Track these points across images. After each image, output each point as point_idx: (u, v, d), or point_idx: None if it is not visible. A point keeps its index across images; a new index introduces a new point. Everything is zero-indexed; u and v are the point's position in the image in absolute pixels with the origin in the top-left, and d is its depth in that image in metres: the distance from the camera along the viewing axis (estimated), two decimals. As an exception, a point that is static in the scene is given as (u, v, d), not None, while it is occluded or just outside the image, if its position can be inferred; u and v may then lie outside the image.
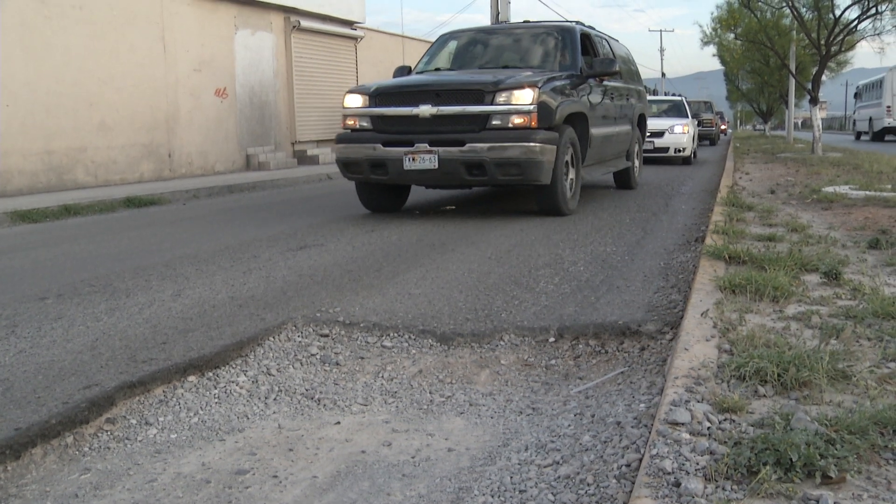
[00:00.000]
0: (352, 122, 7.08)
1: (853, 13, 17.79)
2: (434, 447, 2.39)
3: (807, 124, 48.56)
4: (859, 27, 17.98)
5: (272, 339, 3.26)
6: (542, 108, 6.54)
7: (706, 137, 28.22)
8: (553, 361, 3.15)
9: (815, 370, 2.29)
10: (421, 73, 8.11)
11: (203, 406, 2.70)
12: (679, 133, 15.80)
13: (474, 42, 8.44)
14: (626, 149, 9.57)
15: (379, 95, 6.94)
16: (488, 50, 8.24)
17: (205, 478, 2.19)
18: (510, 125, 6.49)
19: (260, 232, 6.34)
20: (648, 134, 15.42)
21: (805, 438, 1.78)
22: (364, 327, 3.40)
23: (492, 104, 6.50)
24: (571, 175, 7.26)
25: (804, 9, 18.96)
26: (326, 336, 3.34)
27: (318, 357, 3.15)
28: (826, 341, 2.65)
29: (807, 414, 1.99)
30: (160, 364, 2.88)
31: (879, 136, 29.76)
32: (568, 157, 7.05)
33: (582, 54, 8.00)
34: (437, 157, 6.55)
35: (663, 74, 63.64)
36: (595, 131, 7.84)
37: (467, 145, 6.48)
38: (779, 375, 2.27)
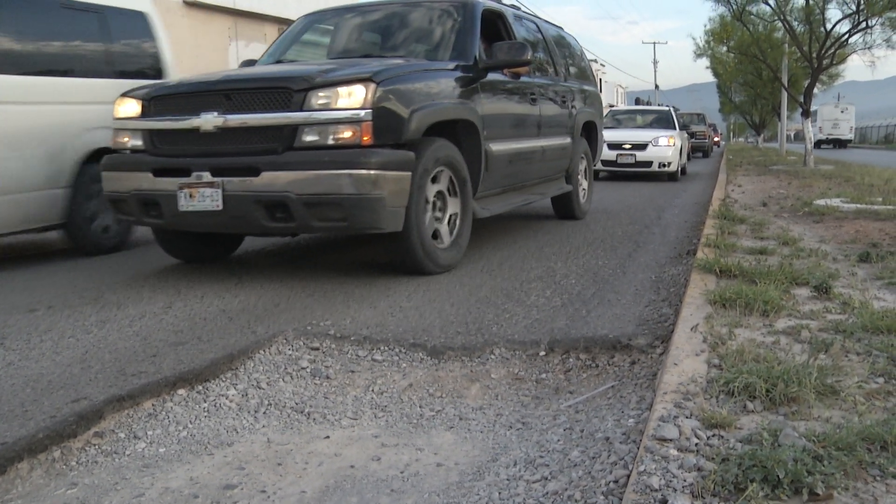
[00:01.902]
0: (124, 140, 4.84)
1: (844, 27, 17.95)
2: (423, 462, 2.38)
3: (799, 136, 49.98)
4: (850, 41, 18.17)
5: (263, 352, 3.25)
6: (383, 115, 4.24)
7: (699, 149, 28.36)
8: (544, 375, 3.15)
9: (804, 385, 2.30)
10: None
11: (192, 420, 2.69)
12: (664, 146, 14.45)
13: (341, 24, 6.35)
14: (563, 167, 7.33)
15: (156, 100, 4.69)
16: (356, 35, 6.20)
17: (193, 492, 2.18)
18: (330, 142, 4.20)
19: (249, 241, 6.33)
20: (629, 146, 14.31)
21: (793, 455, 1.78)
22: (355, 340, 3.39)
23: (301, 109, 4.22)
24: (451, 212, 5.06)
25: (796, 22, 19.11)
26: (317, 349, 3.33)
27: (308, 370, 3.14)
28: (815, 356, 2.66)
29: (795, 430, 2.00)
30: (150, 377, 2.87)
31: (817, 144, 40.09)
32: (442, 187, 4.93)
33: (489, 40, 5.92)
34: (220, 192, 4.30)
35: (657, 86, 64.01)
36: (497, 147, 5.54)
37: (263, 175, 4.20)
38: (767, 391, 2.28)
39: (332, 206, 4.21)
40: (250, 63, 6.31)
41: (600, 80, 54.09)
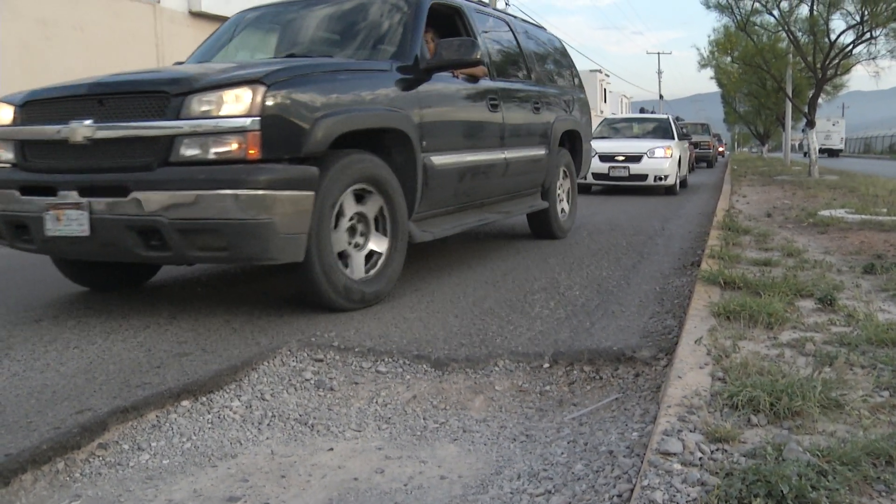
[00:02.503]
0: None
1: (848, 37, 17.98)
2: (427, 475, 2.38)
3: (801, 147, 51.87)
4: (854, 51, 18.19)
5: (267, 363, 3.26)
6: (275, 124, 3.62)
7: (703, 160, 28.38)
8: (547, 387, 3.15)
9: (808, 399, 2.29)
10: None
11: (196, 431, 2.69)
12: (660, 157, 13.44)
13: (275, 21, 5.64)
14: (537, 182, 6.57)
15: (29, 106, 4.10)
16: (289, 32, 5.42)
17: (196, 505, 2.18)
18: (211, 156, 3.58)
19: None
20: (622, 158, 13.35)
21: (797, 470, 1.78)
22: (358, 352, 3.40)
23: (178, 118, 3.61)
24: (373, 246, 4.30)
25: (800, 33, 19.14)
26: (321, 361, 3.34)
27: (312, 382, 3.15)
28: (819, 369, 2.65)
29: (799, 444, 1.99)
30: (154, 388, 2.87)
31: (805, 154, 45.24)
32: (365, 209, 4.23)
33: (442, 36, 5.30)
34: (87, 215, 3.70)
35: (661, 96, 64.12)
36: (442, 160, 4.84)
37: (133, 195, 3.60)
38: (771, 404, 2.28)
39: (210, 234, 3.59)
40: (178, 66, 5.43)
41: (605, 90, 54.41)
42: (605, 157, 13.36)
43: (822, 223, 7.34)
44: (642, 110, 37.80)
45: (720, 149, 41.12)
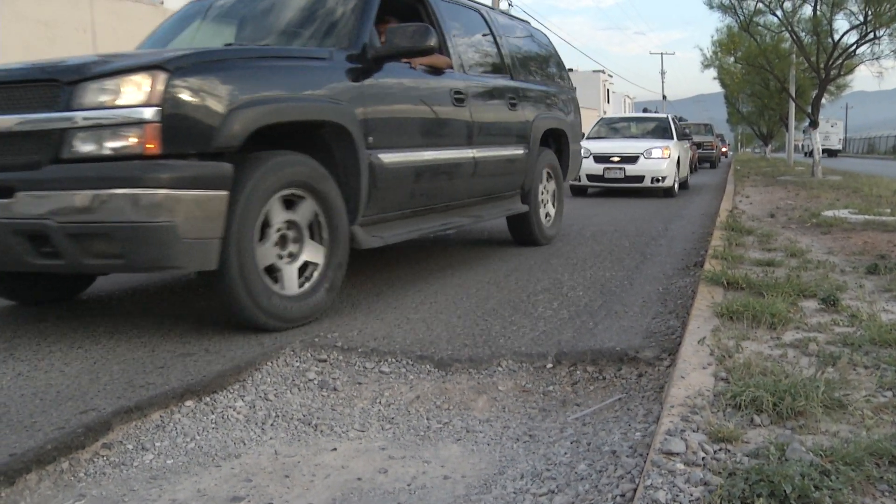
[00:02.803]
0: None
1: (852, 38, 17.96)
2: (430, 475, 2.39)
3: (802, 147, 52.40)
4: (858, 51, 18.16)
5: (270, 363, 3.26)
6: (179, 115, 3.25)
7: (706, 160, 28.38)
8: (551, 387, 3.15)
9: (811, 399, 2.29)
10: None
11: (200, 431, 2.70)
12: (657, 158, 12.86)
13: (222, 11, 5.18)
14: (514, 184, 6.13)
15: None
16: (241, 21, 4.99)
17: (200, 505, 2.19)
18: (106, 151, 3.22)
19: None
20: (618, 159, 12.85)
21: (800, 470, 1.78)
22: (362, 352, 3.40)
23: (69, 109, 3.22)
24: (308, 257, 3.86)
25: (803, 33, 19.14)
26: (324, 361, 3.34)
27: (315, 382, 3.15)
28: (822, 370, 2.65)
29: (802, 444, 1.99)
30: (158, 388, 2.88)
31: (812, 153, 45.05)
32: (297, 216, 3.80)
33: (401, 21, 4.93)
34: None
35: (664, 97, 64.10)
36: (393, 158, 4.40)
37: (17, 196, 3.25)
38: (774, 404, 2.28)
39: (104, 239, 3.21)
40: None
41: (608, 90, 54.42)
42: (600, 158, 12.97)
43: (825, 224, 7.33)
44: (645, 110, 37.78)
45: (723, 149, 41.10)
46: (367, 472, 2.41)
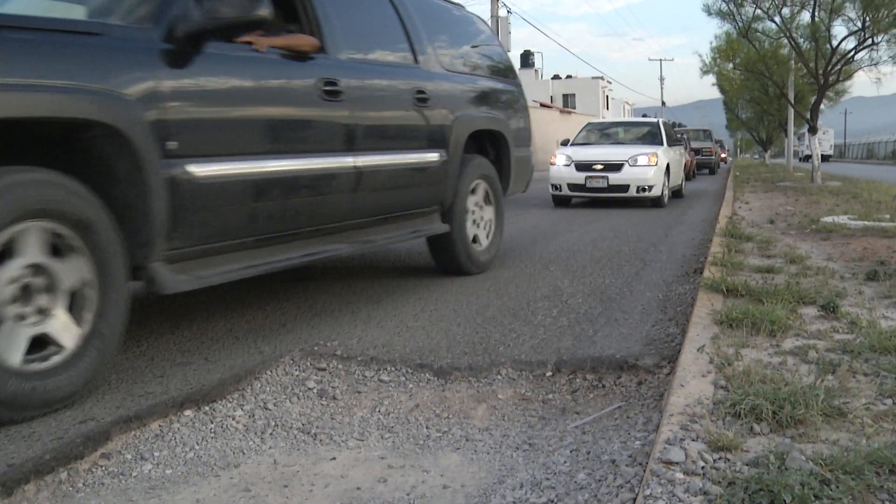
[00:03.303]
0: None
1: (850, 44, 17.98)
2: (429, 484, 2.38)
3: (799, 153, 52.52)
4: (856, 57, 18.17)
5: (269, 372, 3.26)
6: None
7: (705, 166, 28.38)
8: (550, 396, 3.14)
9: (811, 407, 2.29)
10: None
11: (199, 441, 2.70)
12: (644, 165, 11.87)
13: None
14: (428, 199, 5.00)
15: None
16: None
17: (199, 515, 2.18)
18: None
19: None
20: (600, 167, 11.84)
21: (800, 478, 1.78)
22: (361, 361, 3.40)
23: None
24: (52, 329, 2.73)
25: (802, 39, 19.15)
26: (324, 370, 3.34)
27: (315, 391, 3.15)
28: (822, 377, 2.65)
29: (802, 453, 1.99)
30: (157, 398, 2.87)
31: (805, 159, 48.45)
32: (33, 258, 2.66)
33: (285, 14, 4.01)
34: None
35: (663, 103, 64.22)
36: (208, 170, 3.29)
37: None
38: (774, 413, 2.27)
39: None
40: None
41: (607, 96, 54.35)
42: (581, 167, 12.02)
43: (824, 230, 7.34)
44: (644, 116, 37.82)
45: (722, 155, 41.11)
46: (367, 481, 2.40)
